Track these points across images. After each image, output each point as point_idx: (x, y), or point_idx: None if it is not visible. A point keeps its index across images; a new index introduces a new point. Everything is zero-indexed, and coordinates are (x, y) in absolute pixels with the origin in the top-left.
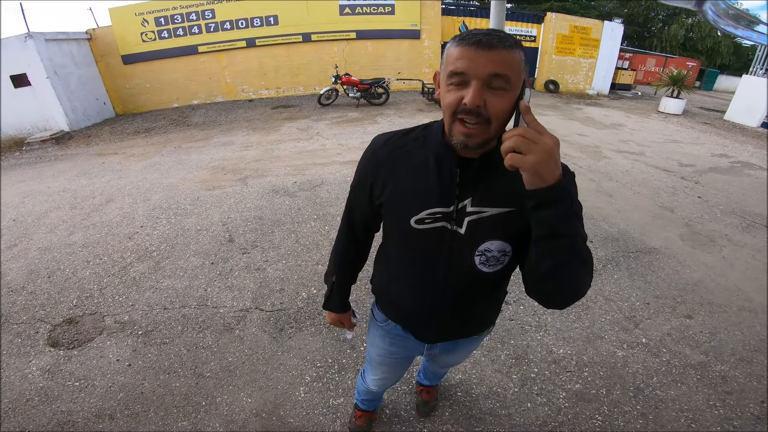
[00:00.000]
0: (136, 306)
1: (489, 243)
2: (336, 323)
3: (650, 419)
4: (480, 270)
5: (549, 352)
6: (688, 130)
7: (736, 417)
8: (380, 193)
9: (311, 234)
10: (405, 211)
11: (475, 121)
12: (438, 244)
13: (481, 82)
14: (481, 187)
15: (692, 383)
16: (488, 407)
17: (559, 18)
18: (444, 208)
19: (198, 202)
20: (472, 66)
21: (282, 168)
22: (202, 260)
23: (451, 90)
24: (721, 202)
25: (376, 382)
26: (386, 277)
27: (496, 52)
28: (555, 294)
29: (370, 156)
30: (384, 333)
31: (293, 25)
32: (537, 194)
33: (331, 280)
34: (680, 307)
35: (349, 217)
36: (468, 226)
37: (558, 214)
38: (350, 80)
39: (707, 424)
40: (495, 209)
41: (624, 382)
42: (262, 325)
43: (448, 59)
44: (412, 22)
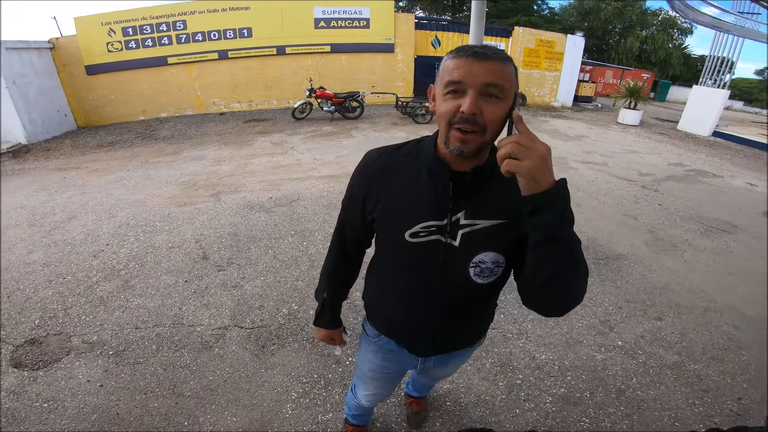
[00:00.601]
0: (105, 326)
1: (483, 255)
2: (326, 339)
3: (635, 419)
4: (474, 281)
5: (532, 359)
6: (646, 140)
7: (716, 414)
8: (373, 207)
9: (289, 250)
10: (399, 224)
11: (470, 129)
12: (432, 257)
13: (477, 90)
14: (473, 200)
15: (670, 383)
16: (478, 415)
17: (526, 32)
18: (438, 221)
19: (168, 218)
20: (468, 75)
21: (256, 183)
22: (175, 278)
23: (448, 99)
24: (679, 209)
25: (368, 398)
26: (379, 291)
27: (491, 62)
28: (554, 301)
29: (362, 171)
30: (376, 348)
31: (267, 38)
32: (533, 199)
33: (322, 296)
34: (650, 309)
35: (341, 233)
36: (462, 238)
37: (554, 218)
38: (325, 94)
39: (689, 422)
40: (488, 221)
41: (606, 385)
42: (242, 342)
43: (445, 71)
44: (387, 35)
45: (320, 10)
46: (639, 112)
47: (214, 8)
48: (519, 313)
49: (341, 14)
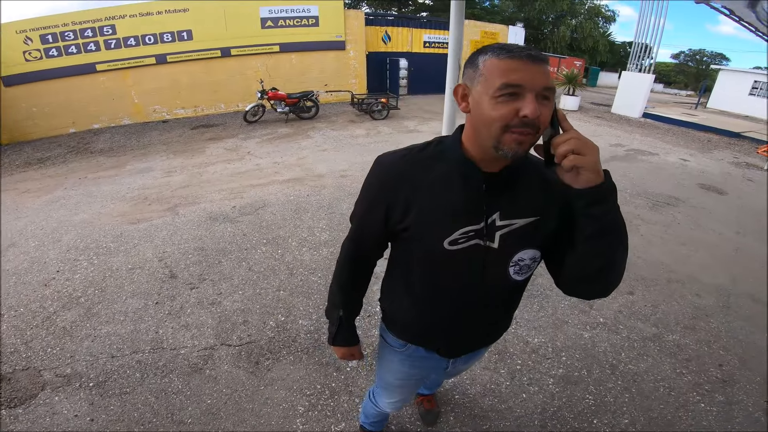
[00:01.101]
0: (76, 357)
1: (522, 253)
2: (347, 357)
3: (634, 392)
4: (514, 279)
5: (526, 343)
6: (586, 124)
7: (704, 381)
8: (402, 216)
9: (264, 260)
10: (436, 233)
11: (530, 131)
12: (473, 262)
13: (536, 93)
14: (506, 200)
15: (655, 354)
16: (488, 404)
17: (471, 24)
18: (475, 225)
19: (122, 238)
20: (528, 78)
21: (216, 193)
22: (143, 301)
23: (502, 102)
24: (627, 187)
25: (393, 405)
26: (410, 302)
27: (544, 65)
28: (603, 286)
29: (381, 179)
30: (403, 357)
31: (210, 40)
32: (593, 191)
33: (337, 314)
34: (621, 285)
35: (358, 248)
36: (500, 239)
37: (611, 209)
38: (277, 95)
39: (683, 390)
40: (523, 220)
41: (599, 362)
42: (233, 361)
43: (495, 71)
44: (337, 33)
45: (266, 10)
46: (577, 98)
47: (147, 11)
48: None
49: (289, 13)
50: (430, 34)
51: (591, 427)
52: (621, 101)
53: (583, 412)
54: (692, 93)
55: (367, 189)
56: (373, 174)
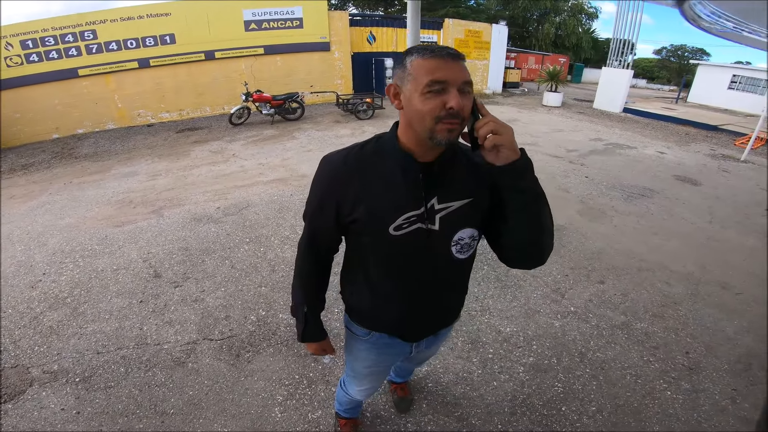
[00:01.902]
0: (63, 354)
1: (461, 232)
2: (318, 352)
3: (601, 380)
4: (457, 258)
5: (498, 333)
6: (568, 120)
7: (671, 369)
8: (350, 210)
9: (246, 258)
10: (382, 221)
11: (457, 122)
12: (418, 245)
13: (457, 87)
14: (442, 185)
15: (623, 342)
16: (460, 392)
17: (455, 23)
18: (416, 210)
19: (107, 240)
20: (451, 74)
21: (200, 194)
22: (128, 300)
23: (430, 97)
24: (603, 180)
25: (363, 392)
26: (367, 291)
27: (462, 61)
28: (546, 247)
29: (329, 177)
30: (369, 345)
31: (194, 43)
32: (515, 165)
33: (302, 312)
34: (592, 274)
35: (312, 244)
36: (440, 221)
37: (531, 179)
38: (262, 97)
39: (650, 378)
40: (458, 202)
41: (568, 350)
42: (215, 354)
43: (421, 70)
44: (322, 34)
45: (250, 12)
46: (560, 94)
47: (128, 16)
48: (479, 291)
49: (273, 15)
50: None
51: (559, 414)
52: (602, 97)
53: (552, 400)
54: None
55: (316, 188)
56: (321, 173)
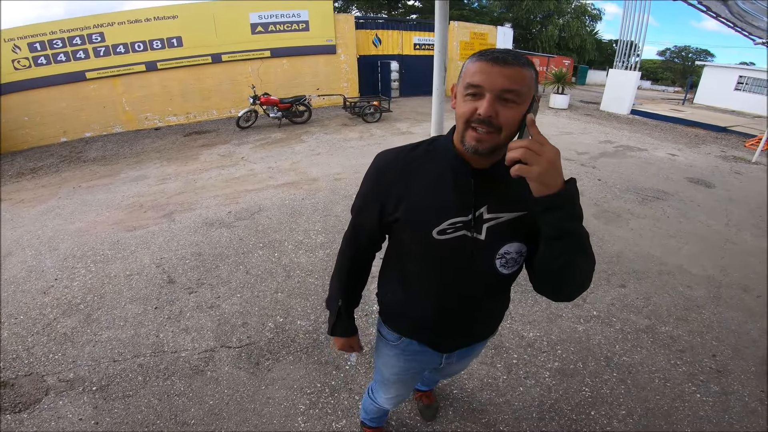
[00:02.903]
0: (78, 362)
1: (508, 246)
2: (345, 348)
3: (629, 384)
4: (500, 272)
5: (521, 338)
6: (576, 122)
7: (699, 372)
8: (394, 209)
9: (261, 263)
10: (426, 223)
11: (486, 130)
12: (460, 252)
13: (494, 94)
14: (494, 195)
15: (649, 346)
16: (486, 398)
17: (461, 26)
18: (463, 217)
19: (119, 245)
20: (487, 80)
21: (211, 199)
22: (142, 307)
23: (467, 100)
24: (617, 182)
25: (391, 401)
26: (403, 293)
27: (509, 68)
28: (564, 288)
29: (377, 175)
30: (398, 352)
31: (200, 46)
32: (542, 201)
33: (336, 305)
34: (613, 278)
35: (356, 239)
36: (487, 231)
37: (564, 217)
38: (270, 100)
39: (678, 381)
40: (510, 214)
41: (594, 354)
42: (234, 362)
43: (467, 73)
44: (328, 37)
45: (256, 15)
46: (567, 97)
47: (136, 18)
48: None
49: (279, 18)
50: (420, 36)
51: (589, 418)
52: (609, 98)
53: (580, 404)
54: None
55: (366, 183)
56: (371, 170)
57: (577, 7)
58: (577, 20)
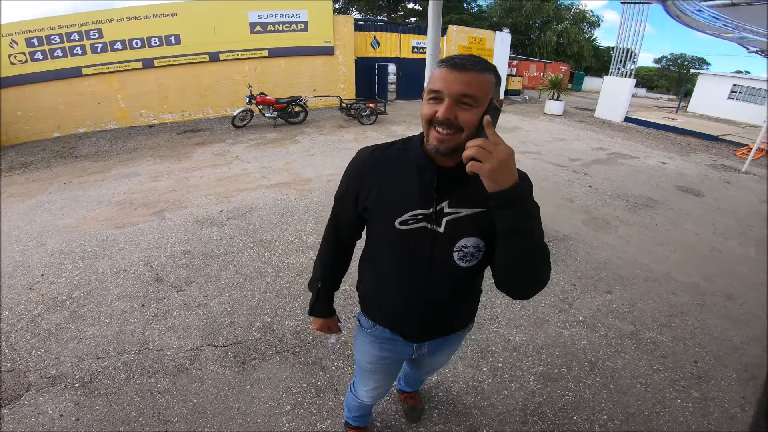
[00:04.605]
0: (61, 358)
1: (465, 240)
2: (323, 329)
3: (612, 389)
4: (458, 265)
5: (507, 342)
6: (570, 128)
7: (680, 378)
8: (365, 197)
9: (251, 263)
10: (389, 213)
11: (447, 131)
12: (420, 243)
13: (452, 99)
14: (456, 191)
15: (632, 352)
16: (470, 401)
17: (459, 30)
18: (424, 210)
19: (108, 242)
20: (446, 85)
21: (203, 197)
22: (129, 304)
23: (429, 104)
24: (607, 189)
25: (369, 393)
26: (375, 280)
27: (466, 74)
28: (520, 284)
29: (356, 166)
30: (372, 339)
31: (198, 44)
32: (494, 197)
33: (316, 287)
34: (600, 284)
35: (335, 225)
36: (446, 225)
37: (516, 213)
38: (266, 100)
39: (660, 387)
40: (469, 210)
41: (578, 359)
42: (219, 361)
43: (431, 79)
44: (326, 38)
45: (255, 15)
46: (562, 103)
47: (135, 15)
48: (487, 300)
49: (278, 18)
50: (418, 40)
51: (571, 423)
52: (604, 105)
53: (563, 409)
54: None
55: (346, 174)
56: (352, 161)
57: (576, 13)
58: (575, 27)
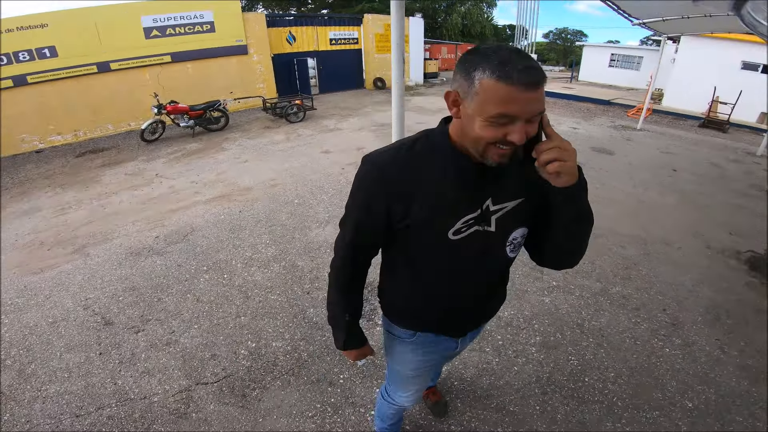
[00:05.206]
0: (33, 421)
1: (516, 232)
2: (360, 357)
3: (606, 347)
4: (510, 257)
5: (499, 318)
6: None
7: (658, 327)
8: (404, 213)
9: (211, 288)
10: (440, 225)
11: (509, 146)
12: (476, 247)
13: (526, 119)
14: (496, 186)
15: (609, 308)
16: (487, 384)
17: (375, 18)
18: (473, 213)
19: (28, 291)
20: (523, 109)
21: (129, 225)
22: (83, 354)
23: (493, 126)
24: None
25: (410, 397)
26: (417, 294)
27: (538, 90)
28: (578, 255)
29: (377, 178)
30: (415, 346)
31: (81, 55)
32: (569, 190)
33: (344, 320)
34: None
35: (357, 251)
36: (496, 223)
37: (585, 201)
38: (178, 108)
39: (645, 338)
40: (512, 202)
41: (567, 323)
42: (217, 398)
43: (490, 96)
44: (237, 37)
45: (150, 19)
46: None
47: None
48: None
49: (178, 21)
50: (335, 31)
51: (585, 385)
52: None
53: (573, 373)
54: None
55: (363, 190)
56: (368, 174)
57: None
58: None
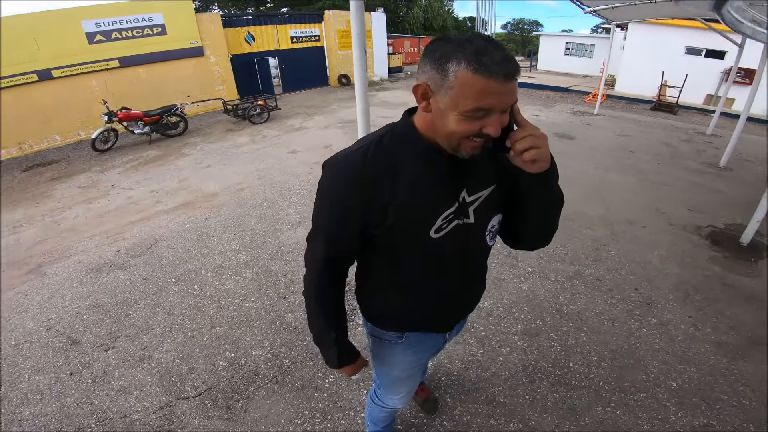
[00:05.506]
0: None
1: (493, 220)
2: (357, 371)
3: (586, 330)
4: (489, 245)
5: (479, 308)
6: None
7: (633, 308)
8: (382, 217)
9: (181, 300)
10: (421, 224)
11: (481, 138)
12: (458, 242)
13: (501, 110)
14: (469, 176)
15: (584, 291)
16: (474, 376)
17: (336, 15)
18: (451, 207)
19: None
20: (499, 103)
21: (87, 240)
22: (53, 375)
23: (469, 120)
24: None
25: (403, 399)
26: (401, 294)
27: (513, 81)
28: (550, 234)
29: (348, 182)
30: (404, 347)
31: (17, 63)
32: (543, 175)
33: (331, 338)
34: None
35: (332, 262)
36: (474, 214)
37: (556, 184)
38: (130, 114)
39: (622, 319)
40: (485, 190)
41: (545, 309)
42: (201, 412)
43: (466, 89)
44: (191, 39)
45: (92, 23)
46: None
47: None
48: None
49: (124, 24)
50: (296, 29)
51: (570, 370)
52: None
53: (557, 359)
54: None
55: (332, 198)
56: (335, 180)
57: None
58: (437, 1)
